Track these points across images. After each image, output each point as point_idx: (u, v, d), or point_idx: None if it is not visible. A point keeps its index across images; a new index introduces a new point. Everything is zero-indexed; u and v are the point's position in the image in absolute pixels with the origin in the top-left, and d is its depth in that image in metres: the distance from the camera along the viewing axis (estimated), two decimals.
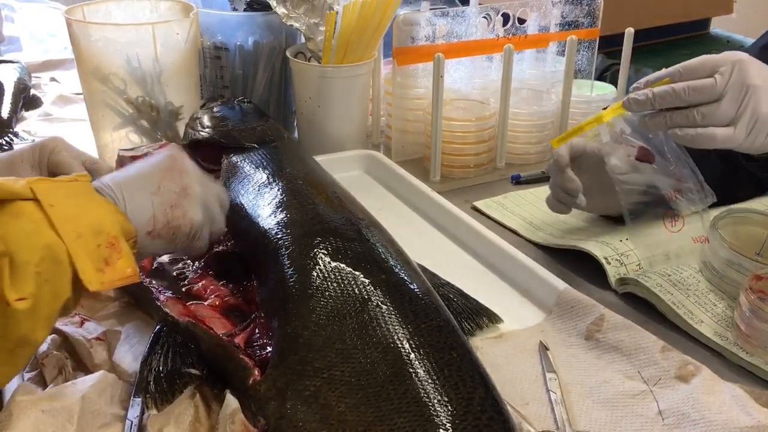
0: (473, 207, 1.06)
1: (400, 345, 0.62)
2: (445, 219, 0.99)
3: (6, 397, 0.63)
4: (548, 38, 1.22)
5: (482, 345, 0.74)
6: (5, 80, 1.38)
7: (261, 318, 0.71)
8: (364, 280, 0.68)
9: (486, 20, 1.16)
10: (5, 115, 1.31)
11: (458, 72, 1.18)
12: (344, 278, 0.69)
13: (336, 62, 1.12)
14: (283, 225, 0.77)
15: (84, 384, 0.64)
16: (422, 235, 0.98)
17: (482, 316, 0.78)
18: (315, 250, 0.72)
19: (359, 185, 1.09)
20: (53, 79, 1.55)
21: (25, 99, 1.40)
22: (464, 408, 0.57)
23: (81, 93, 1.16)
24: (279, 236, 0.76)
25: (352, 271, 0.69)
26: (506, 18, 1.17)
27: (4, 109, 1.32)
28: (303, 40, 1.17)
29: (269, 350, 0.66)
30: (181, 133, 1.07)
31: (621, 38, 1.21)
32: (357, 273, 0.69)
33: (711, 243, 0.82)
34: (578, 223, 0.98)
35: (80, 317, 0.75)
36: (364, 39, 1.11)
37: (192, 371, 0.67)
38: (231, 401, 0.62)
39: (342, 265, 0.70)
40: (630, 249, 0.88)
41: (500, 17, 1.16)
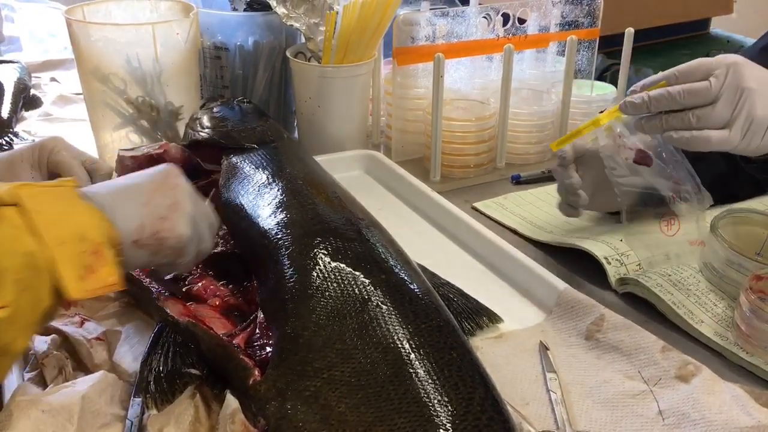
0: (473, 207, 1.06)
1: (401, 345, 0.62)
2: (445, 219, 0.99)
3: (6, 397, 0.63)
4: (548, 38, 1.22)
5: (482, 345, 0.74)
6: (5, 80, 1.38)
7: (261, 318, 0.71)
8: (364, 280, 0.68)
9: (486, 20, 1.16)
10: (5, 115, 1.31)
11: (458, 72, 1.18)
12: (344, 278, 0.68)
13: (336, 62, 1.12)
14: (283, 225, 0.77)
15: (84, 384, 0.63)
16: (422, 235, 0.98)
17: (482, 316, 0.78)
18: (315, 250, 0.72)
19: (359, 185, 1.09)
20: (53, 79, 1.55)
21: (25, 99, 1.40)
22: (464, 408, 0.57)
23: (81, 93, 1.16)
24: (279, 236, 0.76)
25: (352, 271, 0.69)
26: (506, 18, 1.17)
27: (4, 109, 1.32)
28: (303, 40, 1.17)
29: (269, 350, 0.66)
30: (181, 133, 1.07)
31: (621, 38, 1.21)
32: (357, 273, 0.69)
33: (711, 243, 0.82)
34: (579, 223, 0.97)
35: (80, 317, 0.75)
36: (364, 39, 1.11)
37: (192, 371, 0.67)
38: (231, 401, 0.62)
39: (342, 265, 0.70)
40: (630, 249, 0.88)
41: (500, 17, 1.16)
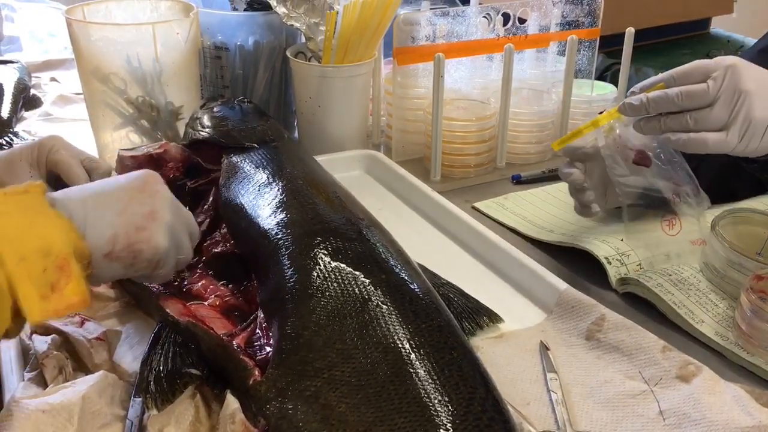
0: (473, 207, 1.06)
1: (401, 345, 0.61)
2: (446, 219, 0.99)
3: (6, 397, 0.63)
4: (549, 38, 1.22)
5: (483, 345, 0.74)
6: (5, 80, 1.38)
7: (261, 318, 0.71)
8: (365, 280, 0.68)
9: (486, 20, 1.15)
10: (5, 115, 1.31)
11: (459, 72, 1.18)
12: (345, 278, 0.68)
13: (336, 62, 1.12)
14: (284, 225, 0.77)
15: (84, 384, 0.63)
16: (422, 235, 0.98)
17: (483, 316, 0.78)
18: (315, 250, 0.72)
19: (359, 185, 1.09)
20: (53, 79, 1.55)
21: (25, 99, 1.40)
22: (465, 408, 0.56)
23: (81, 93, 1.16)
24: (279, 236, 0.76)
25: (353, 271, 0.69)
26: (506, 18, 1.17)
27: (4, 109, 1.32)
28: (303, 40, 1.17)
29: (269, 350, 0.66)
30: (181, 133, 1.07)
31: (621, 38, 1.21)
32: (357, 273, 0.69)
33: (712, 243, 0.82)
34: (580, 223, 0.97)
35: (80, 317, 0.75)
36: (365, 39, 1.11)
37: (192, 371, 0.67)
38: (231, 401, 0.62)
39: (342, 265, 0.70)
40: (630, 249, 0.88)
41: (500, 17, 1.16)
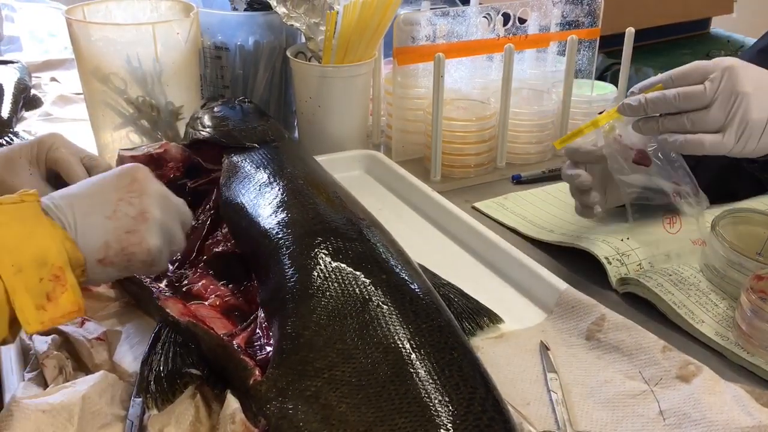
0: (473, 207, 1.06)
1: (401, 345, 0.61)
2: (446, 219, 0.99)
3: (6, 397, 0.63)
4: (549, 38, 1.22)
5: (483, 345, 0.74)
6: (5, 80, 1.38)
7: (261, 318, 0.71)
8: (365, 280, 0.68)
9: (486, 20, 1.15)
10: (5, 115, 1.31)
11: (459, 72, 1.18)
12: (345, 278, 0.68)
13: (336, 62, 1.12)
14: (284, 225, 0.77)
15: (84, 384, 0.63)
16: (423, 235, 0.98)
17: (483, 316, 0.78)
18: (316, 250, 0.72)
19: (360, 185, 1.09)
20: (53, 79, 1.55)
21: (25, 99, 1.40)
22: (465, 408, 0.56)
23: (81, 93, 1.16)
24: (280, 236, 0.76)
25: (353, 271, 0.69)
26: (507, 18, 1.17)
27: (4, 109, 1.32)
28: (303, 40, 1.17)
29: (270, 350, 0.66)
30: (182, 133, 1.07)
31: (621, 38, 1.21)
32: (358, 273, 0.69)
33: (712, 243, 0.82)
34: (580, 223, 0.97)
35: (80, 317, 0.75)
36: (365, 39, 1.11)
37: (192, 371, 0.67)
38: (232, 401, 0.62)
39: (343, 265, 0.70)
40: (631, 249, 0.88)
41: (501, 17, 1.16)
